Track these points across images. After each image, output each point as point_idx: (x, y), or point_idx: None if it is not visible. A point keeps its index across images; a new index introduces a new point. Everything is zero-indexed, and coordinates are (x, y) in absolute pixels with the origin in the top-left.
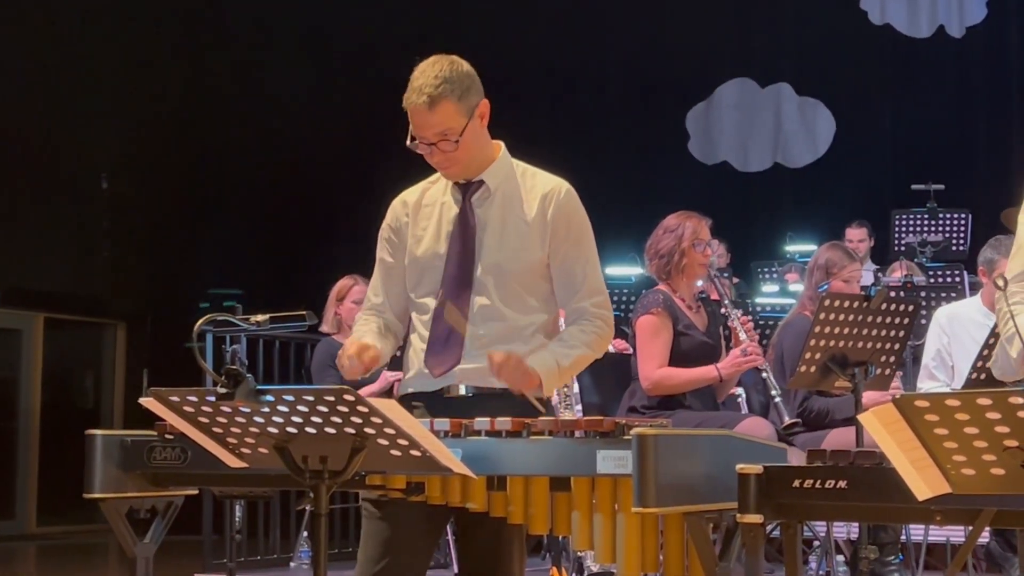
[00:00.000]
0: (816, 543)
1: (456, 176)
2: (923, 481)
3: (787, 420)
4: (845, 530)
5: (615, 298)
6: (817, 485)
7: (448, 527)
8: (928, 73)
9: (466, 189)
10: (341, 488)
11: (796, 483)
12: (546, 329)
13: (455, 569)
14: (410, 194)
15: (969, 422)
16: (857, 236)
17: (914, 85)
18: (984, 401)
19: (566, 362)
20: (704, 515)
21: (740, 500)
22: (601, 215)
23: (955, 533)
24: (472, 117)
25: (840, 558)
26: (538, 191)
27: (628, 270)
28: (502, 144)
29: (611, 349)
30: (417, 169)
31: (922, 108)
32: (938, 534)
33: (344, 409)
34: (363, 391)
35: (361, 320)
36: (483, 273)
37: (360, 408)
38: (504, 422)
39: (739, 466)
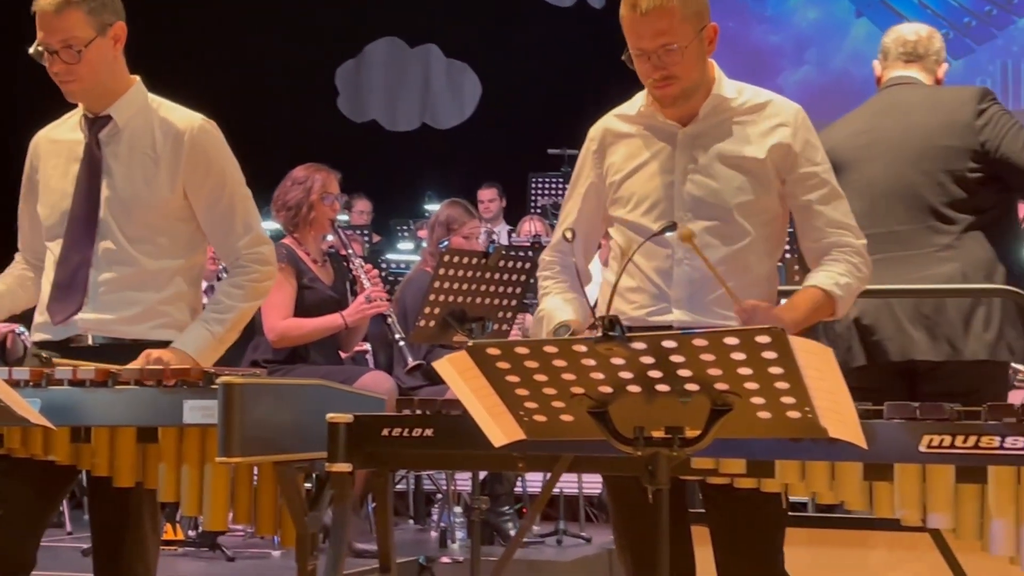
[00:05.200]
0: (439, 495)
1: (78, 95)
2: (498, 428)
3: (411, 362)
4: (470, 483)
5: None
6: (405, 434)
7: None
8: (569, 41)
9: (93, 124)
10: None
11: (385, 432)
12: (188, 275)
13: (68, 528)
14: (43, 132)
15: (538, 369)
16: (488, 196)
17: (555, 52)
18: (551, 349)
19: (221, 329)
20: (294, 464)
21: (329, 449)
22: (246, 169)
23: (567, 484)
24: (103, 35)
25: (459, 509)
26: (171, 127)
27: (266, 224)
28: (138, 79)
29: None
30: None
31: (562, 75)
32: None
33: None
34: None
35: (13, 264)
36: (108, 214)
37: None
38: (88, 371)
39: (329, 415)
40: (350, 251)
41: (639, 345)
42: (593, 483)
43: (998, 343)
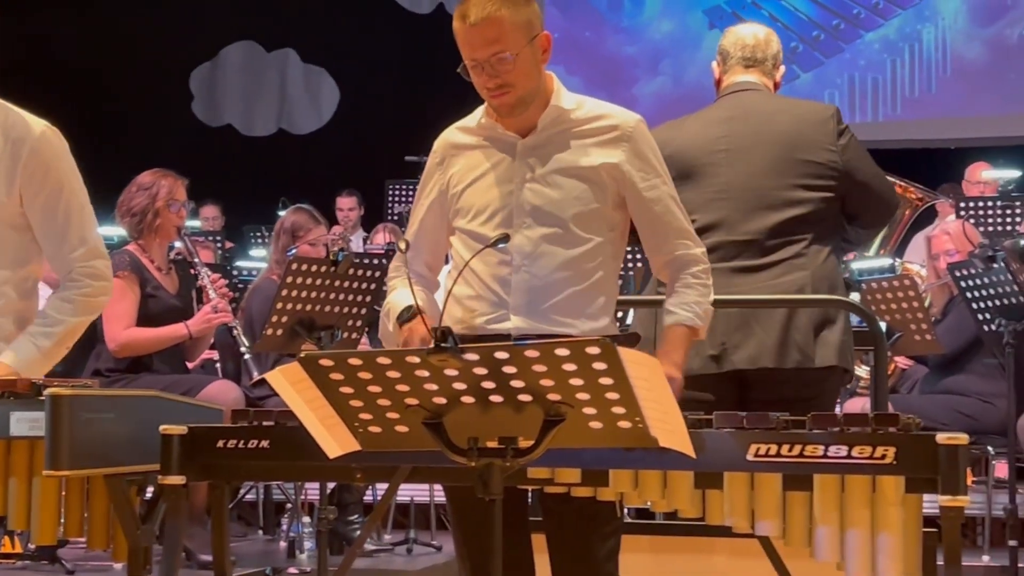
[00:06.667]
0: (289, 505)
1: None
2: (333, 439)
3: (255, 376)
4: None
5: None
6: (241, 445)
7: None
8: (427, 48)
9: None
10: None
11: (220, 443)
12: (20, 287)
13: None
14: None
15: (372, 381)
16: (347, 204)
17: (414, 59)
18: (384, 360)
19: (48, 343)
20: (126, 477)
21: (162, 461)
22: (97, 173)
23: (419, 492)
24: None
25: (308, 519)
26: (12, 132)
27: (112, 230)
28: None
29: None
30: None
31: (420, 81)
32: (404, 494)
33: None
34: None
35: None
36: None
37: None
38: None
39: (162, 427)
40: (197, 259)
41: (472, 356)
42: None
43: (844, 350)
